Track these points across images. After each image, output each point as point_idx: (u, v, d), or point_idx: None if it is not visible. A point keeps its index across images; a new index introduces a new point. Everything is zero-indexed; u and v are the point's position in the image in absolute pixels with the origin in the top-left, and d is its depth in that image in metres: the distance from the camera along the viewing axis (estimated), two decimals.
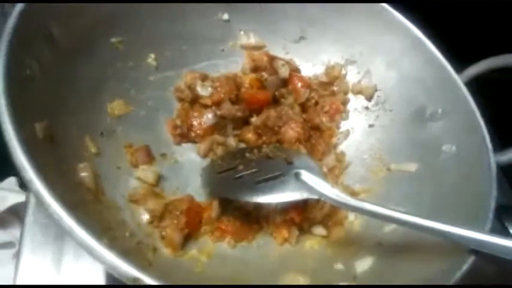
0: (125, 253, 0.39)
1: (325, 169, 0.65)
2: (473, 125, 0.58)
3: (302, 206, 0.57)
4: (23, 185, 0.74)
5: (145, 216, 0.50)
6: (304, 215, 0.57)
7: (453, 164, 0.58)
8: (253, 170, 0.54)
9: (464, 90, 0.61)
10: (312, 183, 0.52)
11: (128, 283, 0.32)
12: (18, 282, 0.52)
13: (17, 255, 0.55)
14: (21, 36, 0.43)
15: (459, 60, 0.65)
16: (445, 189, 0.56)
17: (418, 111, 0.66)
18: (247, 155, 0.58)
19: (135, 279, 0.31)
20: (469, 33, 0.75)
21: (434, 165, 0.60)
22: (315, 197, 0.51)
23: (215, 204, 0.55)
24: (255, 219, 0.57)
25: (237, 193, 0.53)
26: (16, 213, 0.72)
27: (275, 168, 0.54)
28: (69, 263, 0.54)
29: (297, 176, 0.53)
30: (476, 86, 0.62)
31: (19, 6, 0.44)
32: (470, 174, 0.55)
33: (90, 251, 0.32)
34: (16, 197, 0.71)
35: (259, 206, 0.56)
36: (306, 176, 0.53)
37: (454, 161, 0.58)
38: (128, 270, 0.32)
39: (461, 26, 0.77)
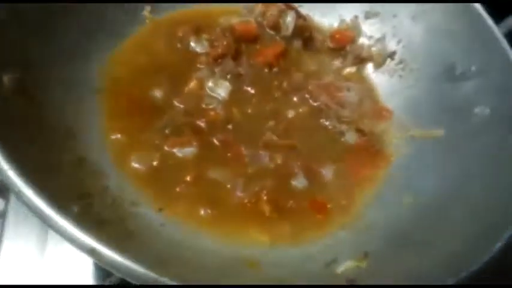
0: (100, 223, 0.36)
1: None
2: (511, 83, 0.50)
3: None
4: None
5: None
6: None
7: (485, 129, 0.50)
8: None
9: (504, 42, 0.53)
10: None
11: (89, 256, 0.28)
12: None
13: None
14: None
15: (498, 8, 0.56)
16: (473, 158, 0.49)
17: (447, 69, 0.58)
18: None
19: (92, 250, 0.26)
20: None
21: (464, 130, 0.52)
22: None
23: None
24: None
25: None
26: None
27: None
28: (54, 244, 0.50)
29: None
30: None
31: None
32: (505, 140, 0.48)
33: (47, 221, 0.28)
34: None
35: None
36: None
37: (486, 125, 0.51)
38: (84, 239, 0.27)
39: None
